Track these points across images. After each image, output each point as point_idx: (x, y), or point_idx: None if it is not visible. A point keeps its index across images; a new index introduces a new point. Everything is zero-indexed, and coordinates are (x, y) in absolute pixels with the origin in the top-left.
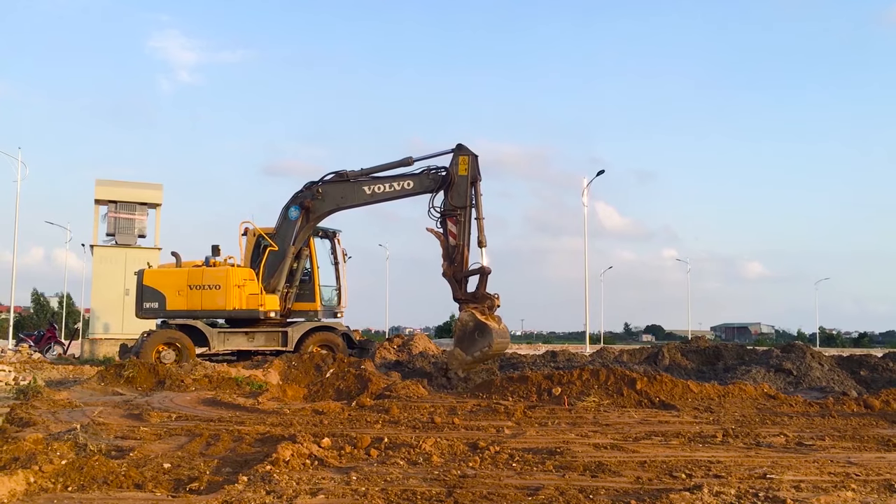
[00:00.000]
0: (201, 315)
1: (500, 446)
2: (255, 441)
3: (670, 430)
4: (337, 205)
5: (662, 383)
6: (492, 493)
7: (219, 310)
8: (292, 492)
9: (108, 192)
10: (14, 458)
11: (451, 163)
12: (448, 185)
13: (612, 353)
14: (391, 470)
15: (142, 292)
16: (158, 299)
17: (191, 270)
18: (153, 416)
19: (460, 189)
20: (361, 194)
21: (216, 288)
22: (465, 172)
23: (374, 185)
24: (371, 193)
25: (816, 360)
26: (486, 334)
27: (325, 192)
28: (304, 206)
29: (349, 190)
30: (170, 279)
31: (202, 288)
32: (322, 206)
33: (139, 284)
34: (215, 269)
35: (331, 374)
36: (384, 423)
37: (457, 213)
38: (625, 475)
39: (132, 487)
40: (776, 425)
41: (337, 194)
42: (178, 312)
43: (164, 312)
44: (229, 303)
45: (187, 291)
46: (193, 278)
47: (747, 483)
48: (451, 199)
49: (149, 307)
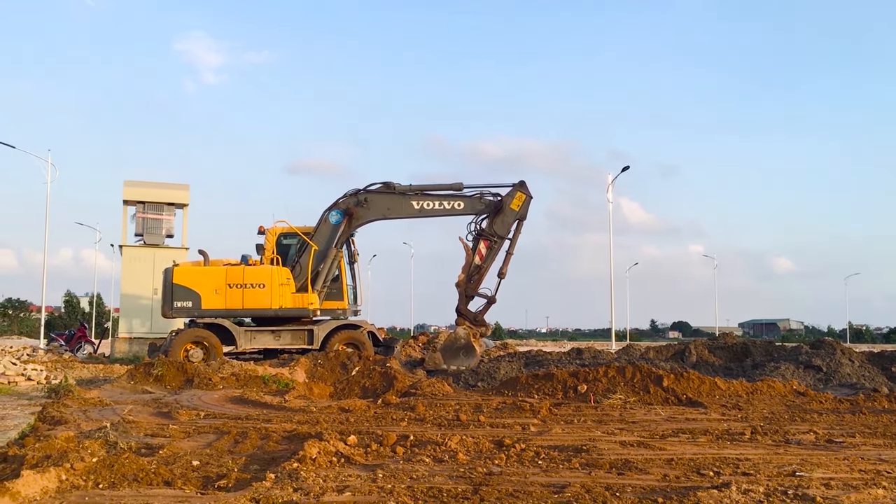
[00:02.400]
0: (242, 314)
1: (526, 444)
2: (282, 439)
3: (698, 428)
4: (383, 215)
5: (689, 380)
6: (517, 490)
7: (263, 308)
8: (319, 489)
9: (136, 193)
10: (46, 455)
11: (509, 193)
12: (497, 211)
13: (638, 350)
14: (417, 467)
15: (172, 291)
16: (192, 298)
17: (229, 269)
18: (182, 414)
19: (507, 219)
20: (409, 208)
21: (260, 287)
22: (517, 208)
23: (423, 200)
24: (419, 209)
25: (847, 356)
26: (470, 357)
27: (372, 202)
28: (349, 213)
29: (396, 202)
30: (205, 277)
31: (243, 287)
32: (367, 215)
33: (168, 283)
34: (258, 268)
35: (356, 372)
36: (410, 421)
37: (493, 239)
38: (652, 473)
39: (162, 485)
40: (805, 422)
41: (383, 205)
42: (215, 311)
43: (198, 311)
44: (275, 301)
45: (226, 290)
46: (233, 277)
47: (776, 481)
48: (495, 224)
49: (181, 306)
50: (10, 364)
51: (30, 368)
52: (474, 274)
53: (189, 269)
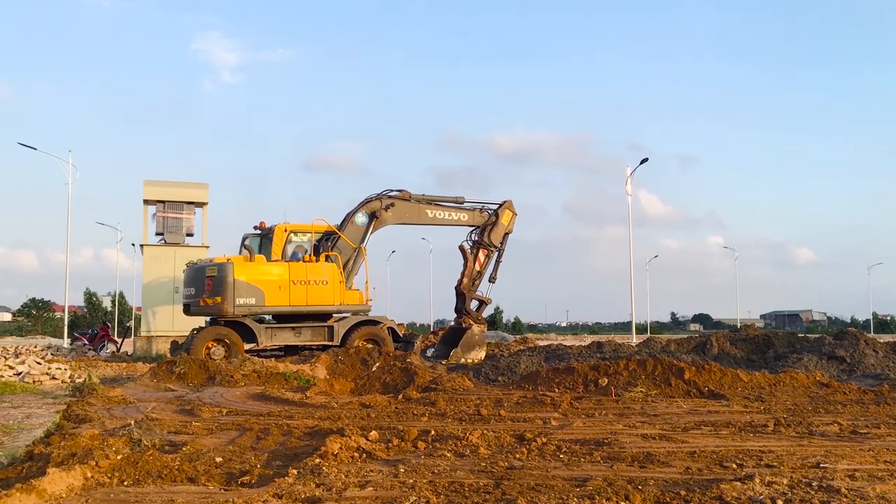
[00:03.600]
0: (306, 311)
1: (547, 438)
2: (303, 435)
3: (720, 420)
4: (402, 220)
5: (711, 373)
6: (539, 484)
7: (326, 305)
8: (341, 484)
9: (155, 192)
10: (71, 453)
11: (499, 210)
12: (492, 225)
13: (659, 343)
14: (439, 462)
15: (234, 287)
16: (255, 294)
17: (292, 265)
18: (204, 412)
19: (499, 232)
20: (424, 217)
21: (323, 283)
22: (506, 222)
23: (435, 211)
24: (432, 217)
25: (870, 346)
26: (483, 349)
27: (396, 207)
28: (374, 215)
29: (415, 210)
30: (269, 274)
31: (307, 283)
32: (390, 219)
33: (226, 279)
34: (320, 265)
35: (377, 367)
36: (431, 416)
37: (490, 248)
38: (674, 466)
39: (185, 481)
40: (829, 414)
41: (404, 211)
42: (280, 308)
43: (263, 308)
44: (336, 298)
45: (289, 286)
46: (297, 273)
47: (800, 472)
48: (491, 235)
49: (244, 303)
50: (34, 363)
51: (54, 367)
52: (476, 279)
53: (251, 265)
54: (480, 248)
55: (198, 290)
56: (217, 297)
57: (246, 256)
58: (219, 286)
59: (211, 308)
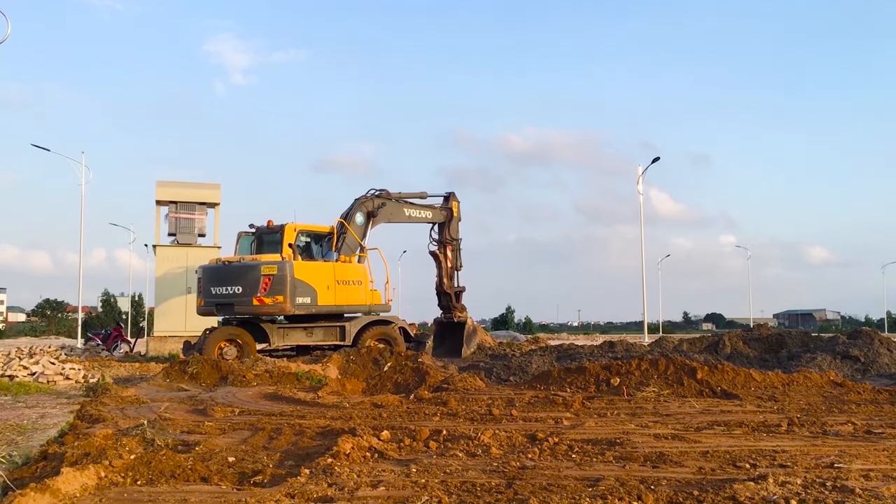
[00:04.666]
0: (348, 310)
1: (559, 437)
2: (316, 434)
3: (733, 420)
4: (388, 219)
5: (724, 372)
6: (551, 484)
7: (361, 304)
8: (353, 484)
9: (168, 193)
10: (85, 453)
11: (446, 204)
12: (449, 220)
13: (671, 343)
14: (450, 462)
15: (294, 286)
16: (310, 294)
17: (337, 266)
18: (217, 411)
19: (456, 225)
20: (403, 216)
21: (358, 283)
22: (457, 213)
23: (410, 209)
24: (409, 216)
25: (885, 345)
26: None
27: (386, 207)
28: (371, 215)
29: (399, 210)
30: (321, 273)
31: (347, 283)
32: (381, 218)
33: (287, 278)
34: (356, 266)
35: (389, 367)
36: (442, 416)
37: (455, 243)
38: (687, 465)
39: (198, 481)
40: (843, 413)
41: (391, 211)
42: (329, 308)
43: (315, 307)
44: (367, 298)
45: (335, 286)
46: (341, 273)
47: (814, 472)
48: (451, 230)
49: (301, 302)
50: (48, 364)
51: (68, 368)
52: (452, 275)
53: (307, 264)
54: (447, 245)
55: (248, 288)
56: (278, 296)
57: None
58: (279, 285)
59: (269, 307)
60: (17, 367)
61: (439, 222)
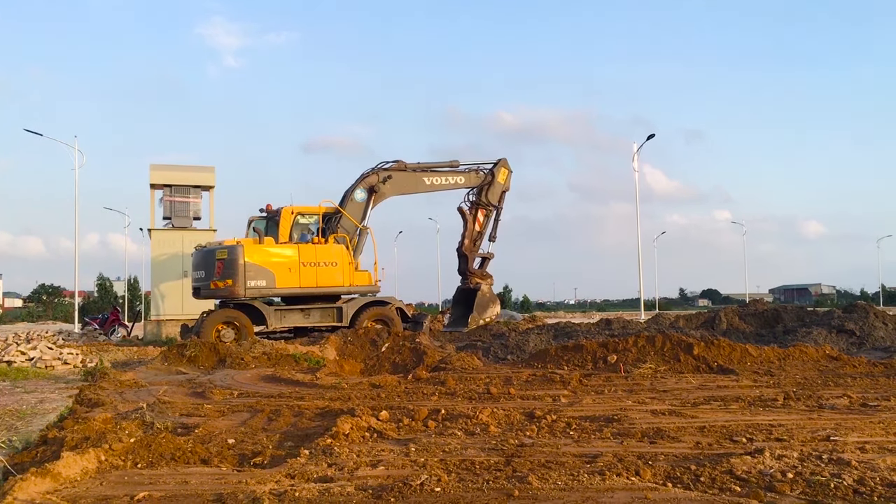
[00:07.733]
0: (316, 293)
1: (557, 415)
2: (314, 415)
3: (729, 395)
4: (401, 191)
5: (720, 348)
6: (550, 461)
7: (336, 286)
8: (353, 464)
9: (162, 177)
10: (85, 437)
11: (495, 168)
12: (489, 184)
13: (667, 319)
14: (449, 441)
15: (244, 269)
16: (266, 277)
17: (301, 247)
18: (216, 394)
19: (496, 190)
20: (422, 185)
21: (333, 265)
22: (503, 180)
23: (432, 177)
24: (430, 184)
25: (880, 319)
26: (497, 304)
27: (394, 179)
28: (374, 190)
29: (412, 180)
30: (279, 256)
31: (317, 265)
32: (389, 191)
33: (236, 261)
34: (329, 247)
35: (386, 348)
36: (441, 395)
37: (489, 208)
38: (684, 441)
39: (199, 463)
40: (839, 387)
41: (402, 182)
42: (291, 290)
43: (273, 290)
44: (346, 279)
45: (299, 268)
46: (306, 255)
47: (810, 446)
48: (488, 195)
49: (255, 285)
50: (46, 349)
51: (66, 352)
52: (477, 239)
53: (261, 247)
54: (479, 208)
55: (208, 273)
56: (228, 279)
57: (255, 239)
58: (229, 269)
59: (221, 291)
60: (14, 352)
61: (475, 186)
